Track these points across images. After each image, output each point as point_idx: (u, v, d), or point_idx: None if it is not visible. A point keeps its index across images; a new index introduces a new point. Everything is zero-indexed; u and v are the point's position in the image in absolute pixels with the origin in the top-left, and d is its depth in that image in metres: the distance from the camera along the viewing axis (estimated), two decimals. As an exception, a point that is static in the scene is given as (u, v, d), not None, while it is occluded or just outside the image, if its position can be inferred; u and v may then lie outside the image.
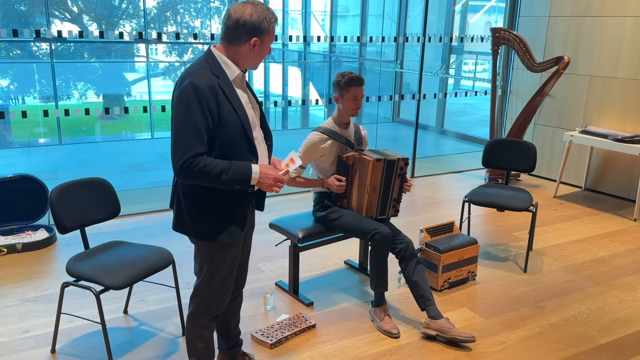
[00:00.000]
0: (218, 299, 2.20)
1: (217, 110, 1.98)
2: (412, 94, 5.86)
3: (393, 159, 2.96)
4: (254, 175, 2.03)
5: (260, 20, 2.03)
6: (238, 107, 2.04)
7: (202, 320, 2.21)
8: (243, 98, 2.10)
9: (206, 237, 2.09)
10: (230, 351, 2.50)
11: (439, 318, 2.81)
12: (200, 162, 1.94)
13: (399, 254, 2.92)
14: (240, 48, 2.06)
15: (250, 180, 2.02)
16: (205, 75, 1.99)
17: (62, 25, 13.39)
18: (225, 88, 2.02)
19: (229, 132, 2.01)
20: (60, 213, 2.53)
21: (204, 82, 1.96)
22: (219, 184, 1.99)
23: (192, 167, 1.94)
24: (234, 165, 2.00)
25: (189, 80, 1.95)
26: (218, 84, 2.00)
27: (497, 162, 4.03)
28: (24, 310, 3.01)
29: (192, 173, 1.95)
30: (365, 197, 2.97)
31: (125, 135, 13.55)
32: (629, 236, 4.39)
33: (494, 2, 9.97)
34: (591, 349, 2.81)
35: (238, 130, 2.03)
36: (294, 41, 14.06)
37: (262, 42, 2.06)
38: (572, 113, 5.63)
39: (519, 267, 3.73)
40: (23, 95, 13.61)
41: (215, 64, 2.05)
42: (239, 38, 2.03)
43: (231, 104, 2.02)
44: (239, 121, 2.03)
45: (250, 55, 2.08)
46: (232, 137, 2.02)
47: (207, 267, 2.14)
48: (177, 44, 14.46)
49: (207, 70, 2.02)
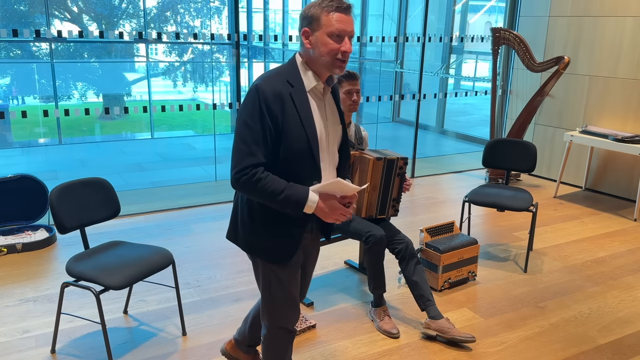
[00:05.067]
0: (279, 318, 2.03)
1: (282, 119, 1.79)
2: (412, 94, 5.86)
3: (393, 158, 2.96)
4: (310, 203, 1.82)
5: (309, 7, 1.80)
6: (307, 120, 1.83)
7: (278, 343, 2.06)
8: (320, 113, 1.89)
9: (255, 252, 1.96)
10: (250, 348, 2.48)
11: (439, 318, 2.81)
12: (255, 174, 1.78)
13: (398, 254, 2.91)
14: (307, 50, 1.84)
15: (303, 207, 1.82)
16: (277, 81, 1.81)
17: (62, 25, 13.39)
18: (296, 98, 1.82)
19: (292, 146, 1.81)
20: (60, 213, 2.53)
21: (270, 87, 1.79)
22: (271, 203, 1.83)
23: (245, 178, 1.79)
24: (291, 188, 1.81)
25: (256, 84, 1.79)
26: (290, 93, 1.81)
27: (497, 162, 4.02)
28: (24, 310, 3.01)
29: (245, 185, 1.80)
30: (365, 196, 2.97)
31: (125, 135, 13.56)
32: (629, 236, 4.39)
33: (494, 2, 9.97)
34: (591, 349, 2.81)
35: (303, 146, 1.82)
36: (294, 41, 14.06)
37: (314, 31, 1.81)
38: (572, 113, 5.63)
39: (519, 267, 3.73)
40: (23, 95, 13.61)
41: (294, 72, 1.86)
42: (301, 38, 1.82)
43: (299, 116, 1.81)
44: (305, 136, 1.82)
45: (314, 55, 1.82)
46: (295, 152, 1.82)
47: (260, 285, 2.02)
48: (177, 44, 14.47)
49: (281, 76, 1.83)
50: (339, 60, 1.83)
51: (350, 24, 1.81)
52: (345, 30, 1.80)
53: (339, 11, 1.80)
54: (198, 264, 3.62)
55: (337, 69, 1.84)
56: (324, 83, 1.91)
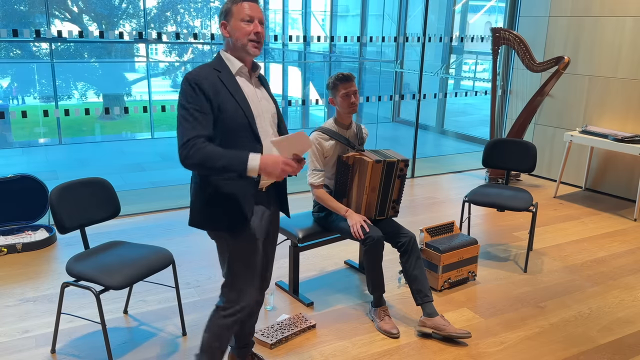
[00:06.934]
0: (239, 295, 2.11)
1: (215, 98, 1.99)
2: (412, 94, 5.86)
3: (393, 161, 2.95)
4: (252, 162, 1.91)
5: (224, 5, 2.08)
6: (240, 98, 2.04)
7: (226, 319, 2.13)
8: (249, 91, 2.10)
9: (213, 227, 2.09)
10: (241, 351, 2.49)
11: (435, 316, 2.83)
12: (197, 144, 1.93)
13: (401, 247, 2.92)
14: (227, 40, 2.10)
15: (246, 165, 1.91)
16: (204, 70, 2.03)
17: (62, 25, 13.39)
18: (225, 79, 2.03)
19: (231, 121, 2.01)
20: (60, 213, 2.52)
21: (199, 74, 2.00)
22: (217, 171, 1.95)
23: (190, 149, 1.92)
24: (233, 152, 1.95)
25: (185, 76, 2.00)
26: (218, 76, 2.02)
27: (497, 162, 4.02)
28: (24, 310, 3.01)
29: (192, 157, 1.92)
30: (364, 198, 2.97)
31: (125, 135, 13.56)
32: (629, 236, 4.39)
33: (494, 2, 9.97)
34: (591, 349, 2.81)
35: (241, 120, 2.03)
36: (294, 41, 14.05)
37: (229, 21, 2.08)
38: (572, 113, 5.63)
39: (519, 267, 3.73)
40: (23, 95, 13.61)
41: (219, 61, 2.09)
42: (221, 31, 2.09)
43: (232, 95, 2.02)
44: (242, 111, 2.03)
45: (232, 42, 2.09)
46: (234, 127, 2.02)
47: (221, 259, 2.15)
48: (177, 44, 14.46)
49: (208, 66, 2.05)
50: (253, 42, 2.07)
51: (258, 10, 2.09)
52: (253, 15, 2.06)
53: (246, 1, 2.08)
54: (198, 264, 3.62)
55: (253, 48, 2.08)
56: (248, 68, 2.13)
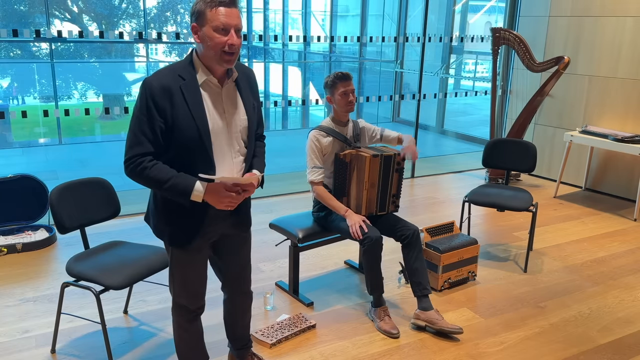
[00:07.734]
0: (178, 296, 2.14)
1: (171, 112, 1.83)
2: (412, 94, 5.86)
3: (390, 154, 2.98)
4: (196, 192, 1.87)
5: (196, 3, 1.82)
6: (197, 112, 1.86)
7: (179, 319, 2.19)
8: (215, 105, 1.93)
9: (160, 235, 2.06)
10: (239, 352, 2.50)
11: (429, 309, 2.86)
12: (141, 164, 1.84)
13: (405, 240, 2.93)
14: (199, 45, 1.87)
15: (189, 196, 1.87)
16: (167, 75, 1.86)
17: (62, 25, 13.39)
18: (187, 91, 1.85)
19: (183, 137, 1.86)
20: (60, 213, 2.52)
21: (158, 82, 1.83)
22: (160, 192, 1.90)
23: (134, 166, 1.85)
24: (178, 177, 1.86)
25: (145, 78, 1.85)
26: (180, 86, 1.85)
27: (497, 162, 4.03)
28: (24, 310, 3.01)
29: (134, 173, 1.86)
30: (364, 194, 2.97)
31: (125, 135, 13.56)
32: (629, 236, 4.39)
33: (494, 2, 9.98)
34: (591, 349, 2.81)
35: (193, 137, 1.87)
36: (294, 41, 14.05)
37: (201, 26, 1.83)
38: (572, 113, 5.63)
39: (519, 267, 3.73)
40: (23, 95, 13.61)
41: (188, 66, 1.90)
42: (192, 33, 1.86)
43: (189, 108, 1.85)
44: (196, 127, 1.86)
45: (204, 49, 1.85)
46: (187, 143, 1.87)
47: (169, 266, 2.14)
48: (177, 44, 14.47)
49: (173, 71, 1.88)
50: (226, 54, 1.84)
51: (235, 17, 1.82)
52: (229, 24, 1.81)
53: (222, 5, 1.81)
54: (198, 264, 3.61)
55: (225, 62, 1.86)
56: (218, 76, 1.93)
